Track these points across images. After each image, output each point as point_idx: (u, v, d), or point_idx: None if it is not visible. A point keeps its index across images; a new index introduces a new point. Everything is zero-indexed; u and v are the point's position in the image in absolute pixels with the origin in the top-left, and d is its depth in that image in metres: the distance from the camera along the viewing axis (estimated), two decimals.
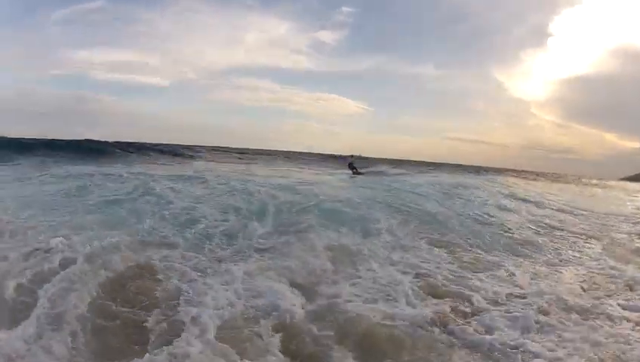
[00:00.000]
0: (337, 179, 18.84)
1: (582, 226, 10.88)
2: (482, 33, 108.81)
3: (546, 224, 10.47)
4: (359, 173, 22.40)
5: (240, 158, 37.03)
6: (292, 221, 7.83)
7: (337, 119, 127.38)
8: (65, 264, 4.68)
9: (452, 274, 5.83)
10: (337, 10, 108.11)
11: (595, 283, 6.02)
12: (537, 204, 14.17)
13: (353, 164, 23.22)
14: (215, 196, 9.63)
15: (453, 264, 6.36)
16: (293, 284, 5.03)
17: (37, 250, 5.01)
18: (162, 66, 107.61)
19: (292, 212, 8.54)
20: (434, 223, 8.92)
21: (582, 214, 13.22)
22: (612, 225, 11.58)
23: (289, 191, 10.80)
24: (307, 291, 4.92)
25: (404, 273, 5.71)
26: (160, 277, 4.89)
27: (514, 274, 6.11)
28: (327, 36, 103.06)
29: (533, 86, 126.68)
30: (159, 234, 6.36)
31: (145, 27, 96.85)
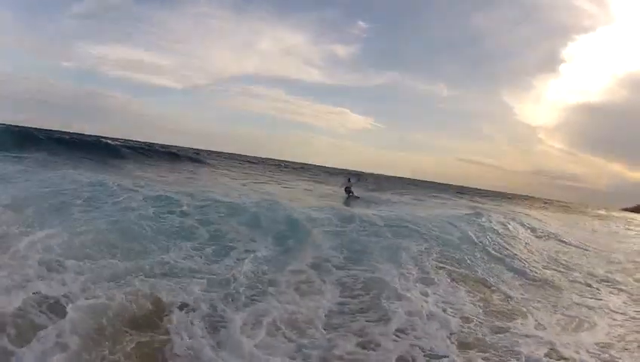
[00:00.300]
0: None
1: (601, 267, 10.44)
2: (495, 56, 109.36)
3: (564, 262, 10.10)
4: (355, 196, 20.39)
5: (243, 169, 37.06)
6: None
7: (345, 133, 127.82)
8: None
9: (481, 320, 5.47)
10: (353, 24, 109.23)
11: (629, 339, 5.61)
12: (554, 239, 13.76)
13: (350, 188, 20.96)
14: None
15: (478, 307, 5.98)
16: None
17: None
18: (175, 69, 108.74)
19: None
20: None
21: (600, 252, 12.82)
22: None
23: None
24: None
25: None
26: None
27: (544, 327, 5.69)
28: (340, 50, 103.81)
29: (541, 112, 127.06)
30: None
31: (160, 28, 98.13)
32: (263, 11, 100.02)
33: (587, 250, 12.86)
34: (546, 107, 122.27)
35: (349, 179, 21.36)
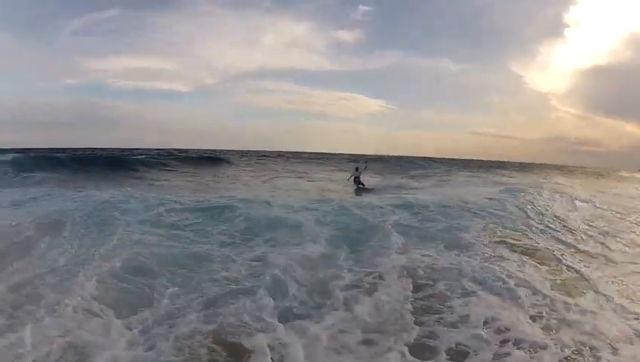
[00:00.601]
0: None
1: None
2: (499, 26, 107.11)
3: (609, 230, 9.98)
4: (363, 187, 18.59)
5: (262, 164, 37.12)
6: None
7: (358, 118, 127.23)
8: None
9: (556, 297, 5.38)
10: (354, 8, 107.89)
11: None
12: (592, 206, 13.70)
13: (359, 178, 19.01)
14: None
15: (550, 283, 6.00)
16: None
17: None
18: (181, 72, 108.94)
19: None
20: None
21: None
22: None
23: None
24: None
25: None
26: None
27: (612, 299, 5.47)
28: (344, 35, 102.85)
29: (551, 78, 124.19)
30: None
31: (161, 34, 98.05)
32: (263, 6, 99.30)
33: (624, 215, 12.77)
34: (556, 73, 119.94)
35: (357, 168, 19.32)
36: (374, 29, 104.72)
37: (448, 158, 58.38)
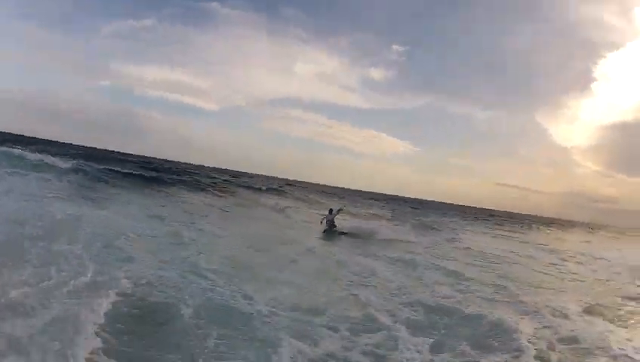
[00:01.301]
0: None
1: None
2: (527, 76, 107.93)
3: None
4: (335, 230, 16.23)
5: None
6: None
7: (384, 157, 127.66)
8: None
9: None
10: (388, 48, 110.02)
11: None
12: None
13: (332, 221, 16.41)
14: None
15: None
16: None
17: None
18: (212, 90, 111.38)
19: None
20: None
21: None
22: None
23: None
24: None
25: None
26: None
27: None
28: (377, 73, 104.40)
29: (575, 132, 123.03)
30: None
31: (196, 50, 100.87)
32: (297, 35, 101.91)
33: None
34: (580, 127, 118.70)
35: (330, 210, 17.05)
36: (407, 70, 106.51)
37: (469, 206, 57.39)
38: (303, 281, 7.51)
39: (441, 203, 53.32)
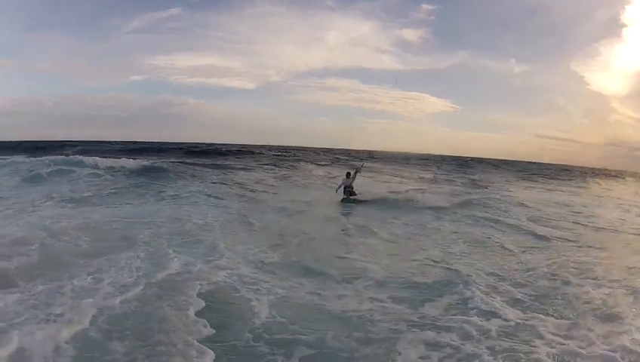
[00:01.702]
0: None
1: None
2: (559, 25, 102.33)
3: None
4: (355, 198, 14.40)
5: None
6: None
7: (423, 118, 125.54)
8: None
9: None
10: (417, 8, 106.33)
11: None
12: None
13: (350, 186, 14.52)
14: None
15: None
16: None
17: None
18: (246, 70, 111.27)
19: None
20: None
21: None
22: None
23: None
24: None
25: None
26: None
27: None
28: (409, 34, 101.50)
29: (611, 79, 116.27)
30: None
31: (224, 32, 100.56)
32: (326, 5, 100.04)
33: None
34: (616, 74, 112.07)
35: (348, 174, 14.83)
36: (438, 28, 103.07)
37: (512, 160, 56.50)
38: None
39: (483, 159, 52.67)
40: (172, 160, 26.41)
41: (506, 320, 4.97)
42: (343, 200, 14.25)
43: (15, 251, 6.53)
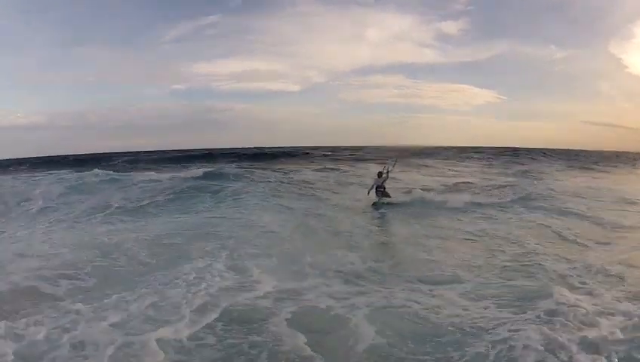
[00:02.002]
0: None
1: None
2: (594, 7, 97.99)
3: None
4: (389, 200, 13.44)
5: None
6: None
7: (469, 109, 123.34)
8: None
9: None
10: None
11: None
12: None
13: (382, 186, 13.47)
14: None
15: None
16: None
17: None
18: (289, 72, 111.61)
19: None
20: None
21: None
22: None
23: None
24: None
25: None
26: None
27: None
28: (449, 26, 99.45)
29: None
30: None
31: (264, 36, 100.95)
32: (364, 2, 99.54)
33: None
34: None
35: (379, 173, 13.61)
36: (477, 18, 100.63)
37: (560, 149, 54.60)
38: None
39: (531, 149, 51.28)
40: (224, 165, 27.49)
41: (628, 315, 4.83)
42: (374, 204, 13.22)
43: (65, 274, 6.58)
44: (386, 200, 13.43)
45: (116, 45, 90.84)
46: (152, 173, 21.34)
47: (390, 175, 13.93)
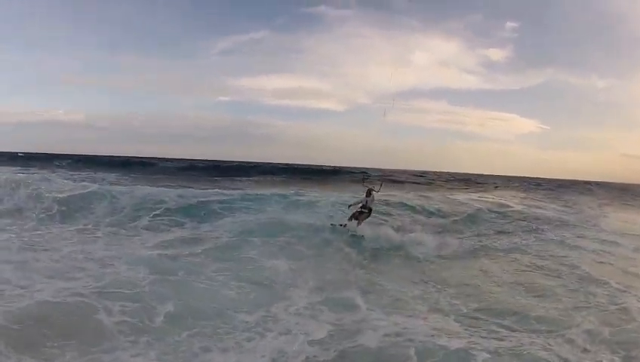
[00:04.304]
0: None
1: None
2: (634, 36, 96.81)
3: None
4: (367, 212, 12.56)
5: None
6: None
7: (512, 138, 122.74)
8: None
9: None
10: (501, 26, 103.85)
11: None
12: None
13: (366, 204, 12.58)
14: None
15: None
16: None
17: None
18: (334, 92, 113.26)
19: None
20: None
21: None
22: None
23: None
24: None
25: None
26: None
27: None
28: (495, 54, 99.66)
29: None
30: None
31: (310, 55, 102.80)
32: (409, 25, 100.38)
33: None
34: None
35: (369, 192, 12.69)
36: (523, 47, 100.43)
37: (602, 181, 53.90)
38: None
39: (573, 181, 50.84)
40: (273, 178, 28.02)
41: None
42: (343, 225, 12.37)
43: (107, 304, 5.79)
44: (362, 219, 12.46)
45: (166, 54, 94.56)
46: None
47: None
